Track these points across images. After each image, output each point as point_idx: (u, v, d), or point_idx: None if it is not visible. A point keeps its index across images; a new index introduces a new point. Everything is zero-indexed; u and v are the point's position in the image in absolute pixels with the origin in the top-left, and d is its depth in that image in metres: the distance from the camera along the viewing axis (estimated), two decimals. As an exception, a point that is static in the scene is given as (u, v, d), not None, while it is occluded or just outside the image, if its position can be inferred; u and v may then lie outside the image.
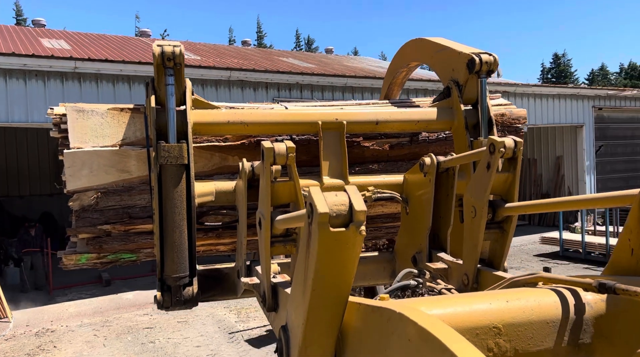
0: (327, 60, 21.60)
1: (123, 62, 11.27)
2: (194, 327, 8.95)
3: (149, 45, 17.16)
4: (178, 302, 2.30)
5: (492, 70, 2.66)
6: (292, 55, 21.57)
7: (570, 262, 12.86)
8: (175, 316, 9.56)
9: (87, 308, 10.23)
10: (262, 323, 8.90)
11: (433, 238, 2.42)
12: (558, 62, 64.70)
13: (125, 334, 8.65)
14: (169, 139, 2.27)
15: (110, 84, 11.18)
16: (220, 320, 9.28)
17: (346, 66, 19.54)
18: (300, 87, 13.52)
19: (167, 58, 2.28)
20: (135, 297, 10.98)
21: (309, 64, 17.87)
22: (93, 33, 19.25)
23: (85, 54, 12.21)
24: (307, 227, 1.23)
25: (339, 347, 1.29)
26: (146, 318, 9.59)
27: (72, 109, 2.47)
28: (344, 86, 14.11)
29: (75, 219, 2.48)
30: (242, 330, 8.71)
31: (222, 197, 2.39)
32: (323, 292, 1.22)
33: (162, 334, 8.63)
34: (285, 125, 2.54)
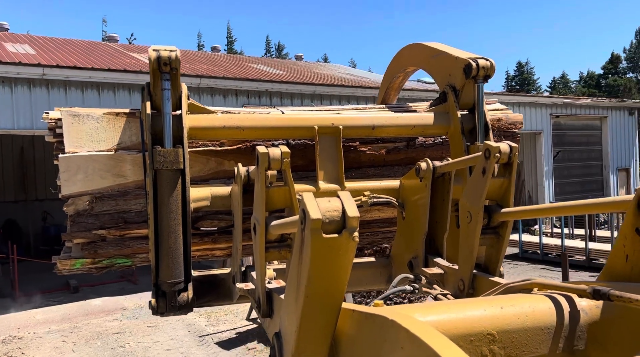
0: (297, 67, 21.73)
1: (92, 69, 11.28)
2: (164, 332, 8.96)
3: (117, 50, 17.09)
4: (173, 308, 2.29)
5: (489, 76, 2.66)
6: (262, 62, 21.68)
7: (529, 263, 13.20)
8: (145, 321, 9.56)
9: (55, 315, 10.15)
10: (232, 326, 8.96)
11: (429, 243, 2.41)
12: (522, 70, 67.23)
13: (94, 340, 8.62)
14: (164, 144, 2.26)
15: (79, 90, 11.21)
16: (190, 324, 9.29)
17: (316, 73, 19.74)
18: (269, 95, 13.73)
19: (163, 63, 2.28)
20: (104, 303, 10.94)
21: (278, 71, 18.03)
22: (59, 37, 19.10)
23: (52, 59, 12.19)
24: (300, 233, 1.23)
25: (332, 354, 1.29)
26: (115, 323, 9.56)
27: (67, 113, 2.47)
28: (312, 94, 14.36)
29: (70, 223, 2.47)
30: (212, 333, 8.75)
31: (218, 202, 2.38)
32: (316, 298, 1.22)
33: (132, 339, 8.62)
34: (281, 130, 2.54)
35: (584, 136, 20.35)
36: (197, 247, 2.59)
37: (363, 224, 3.03)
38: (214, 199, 2.38)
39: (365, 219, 2.98)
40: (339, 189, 2.49)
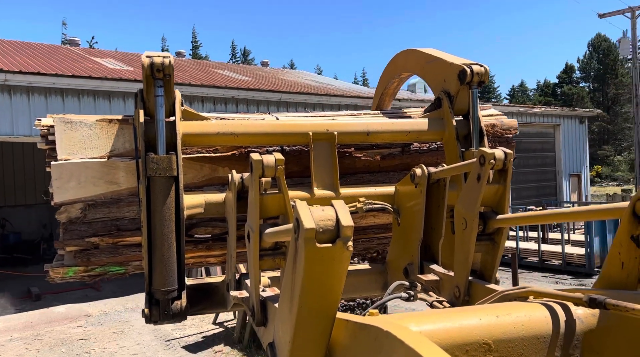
0: (263, 73, 21.83)
1: (56, 76, 11.21)
2: (130, 337, 8.93)
3: (80, 55, 16.92)
4: (166, 316, 2.27)
5: (483, 81, 2.66)
6: (228, 68, 21.78)
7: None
8: (111, 327, 9.50)
9: (17, 323, 10.02)
10: (199, 330, 8.96)
11: (425, 249, 2.40)
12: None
13: (58, 346, 8.54)
14: (158, 151, 2.25)
15: (42, 96, 11.11)
16: (156, 329, 9.28)
17: (282, 80, 19.91)
18: (236, 102, 13.89)
19: (156, 69, 2.26)
20: (67, 310, 10.82)
21: (244, 77, 18.14)
22: (18, 41, 18.89)
23: (12, 64, 12.11)
24: (293, 242, 1.21)
25: None
26: (80, 330, 9.48)
27: (59, 120, 2.45)
28: (278, 101, 14.52)
29: (62, 231, 2.44)
30: (178, 337, 8.75)
31: (212, 209, 2.37)
32: (310, 308, 1.20)
33: (98, 345, 8.57)
34: (275, 136, 2.53)
35: (538, 143, 21.20)
36: (191, 254, 2.57)
37: (358, 230, 3.02)
38: (207, 206, 2.36)
39: (360, 225, 2.97)
40: (333, 196, 2.48)
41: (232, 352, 8.01)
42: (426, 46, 3.26)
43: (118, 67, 15.14)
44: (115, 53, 20.65)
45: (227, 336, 8.64)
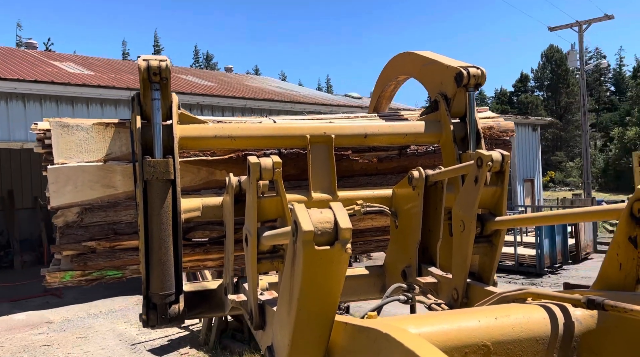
0: (227, 79, 21.82)
1: (18, 81, 11.11)
2: (95, 342, 8.89)
3: (37, 58, 16.73)
4: (164, 320, 2.26)
5: (480, 84, 2.67)
6: (191, 73, 21.78)
7: None
8: (74, 333, 9.41)
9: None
10: (164, 334, 8.94)
11: (423, 252, 2.40)
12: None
13: (20, 353, 8.47)
14: (155, 154, 2.24)
15: (3, 101, 11.02)
16: (121, 334, 9.23)
17: (246, 86, 19.94)
18: (201, 108, 13.88)
19: (153, 72, 2.26)
20: (28, 317, 10.68)
21: (208, 83, 18.03)
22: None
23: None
24: (292, 245, 1.21)
25: None
26: (42, 337, 9.37)
27: (56, 124, 2.44)
28: (243, 107, 14.61)
29: (59, 235, 2.43)
30: (143, 341, 8.73)
31: (209, 213, 2.36)
32: (309, 311, 1.20)
33: (61, 350, 8.49)
34: (273, 139, 2.53)
35: None
36: (189, 258, 2.56)
37: (356, 233, 3.02)
38: (205, 209, 2.35)
39: (358, 227, 2.97)
40: (331, 199, 2.48)
41: (197, 354, 8.02)
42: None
43: (79, 72, 15.01)
44: (74, 57, 20.31)
45: (193, 339, 8.64)
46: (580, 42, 28.00)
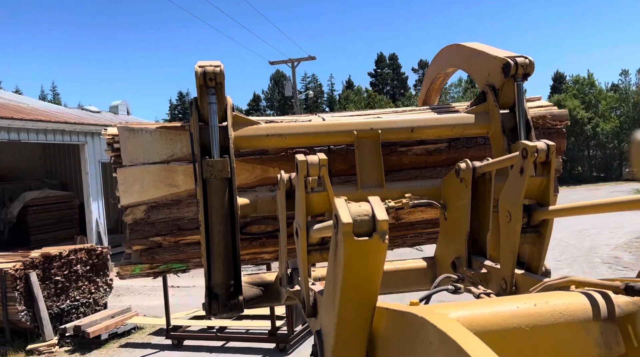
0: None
1: None
2: None
3: None
4: (225, 309, 2.42)
5: (529, 73, 2.64)
6: None
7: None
8: None
9: None
10: None
11: (473, 243, 2.43)
12: (183, 99, 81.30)
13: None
14: (212, 155, 2.40)
15: None
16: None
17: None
18: None
19: (209, 78, 2.41)
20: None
21: None
22: None
23: None
24: (334, 236, 1.30)
25: (370, 350, 1.35)
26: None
27: (123, 128, 2.66)
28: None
29: (129, 232, 2.66)
30: None
31: (264, 208, 2.50)
32: (351, 298, 1.29)
33: None
34: (321, 136, 2.63)
35: None
36: (246, 251, 2.72)
37: (407, 226, 3.07)
38: (260, 205, 2.49)
39: (408, 220, 3.02)
40: (379, 193, 2.55)
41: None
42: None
43: None
44: None
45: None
46: (293, 75, 36.35)
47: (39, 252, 9.86)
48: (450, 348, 0.95)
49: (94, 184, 17.58)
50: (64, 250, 10.16)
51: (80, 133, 17.21)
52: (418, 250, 3.41)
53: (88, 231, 17.51)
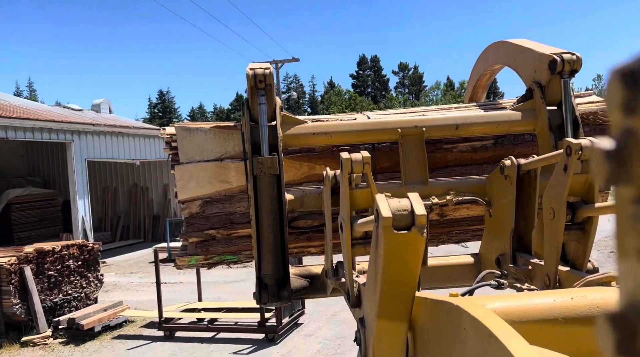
0: None
1: None
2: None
3: None
4: (274, 299, 2.55)
5: (576, 70, 2.62)
6: None
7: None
8: None
9: None
10: None
11: (518, 240, 2.44)
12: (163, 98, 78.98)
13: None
14: (262, 152, 2.53)
15: None
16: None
17: None
18: None
19: (259, 80, 2.54)
20: None
21: None
22: None
23: None
24: (375, 230, 1.39)
25: (410, 336, 1.43)
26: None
27: (180, 128, 2.84)
28: None
29: (185, 225, 2.84)
30: None
31: (310, 203, 2.61)
32: (391, 287, 1.37)
33: None
34: (366, 134, 2.70)
35: None
36: (294, 244, 2.84)
37: (452, 222, 3.10)
38: (306, 200, 2.60)
39: (454, 217, 3.05)
40: (422, 190, 2.60)
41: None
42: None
43: None
44: None
45: None
46: (277, 76, 36.21)
47: (32, 247, 10.18)
48: (482, 334, 1.02)
49: (80, 181, 17.71)
50: (57, 245, 10.46)
51: (67, 131, 17.27)
52: (463, 247, 3.43)
53: (74, 229, 17.71)
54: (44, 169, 23.50)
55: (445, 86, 69.31)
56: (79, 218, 17.71)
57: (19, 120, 15.38)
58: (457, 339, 1.16)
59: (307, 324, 9.60)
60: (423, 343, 1.38)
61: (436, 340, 1.29)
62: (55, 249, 10.25)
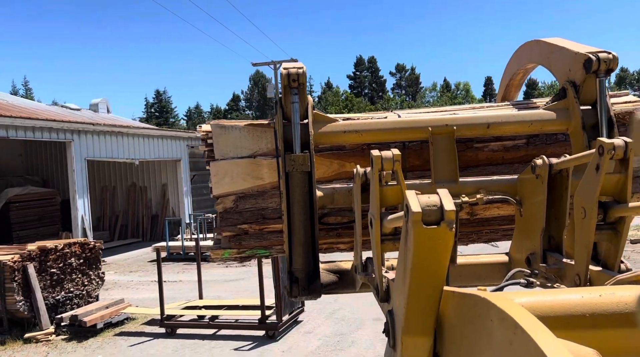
0: None
1: None
2: None
3: None
4: (304, 292, 2.61)
5: (612, 69, 2.58)
6: None
7: (174, 262, 17.26)
8: None
9: None
10: None
11: (549, 240, 2.43)
12: (160, 98, 79.32)
13: None
14: (294, 150, 2.59)
15: None
16: None
17: None
18: None
19: (292, 79, 2.60)
20: None
21: None
22: None
23: None
24: (404, 225, 1.43)
25: (438, 328, 1.47)
26: None
27: (215, 125, 2.93)
28: None
29: (219, 219, 2.93)
30: None
31: (340, 200, 2.66)
32: (420, 281, 1.41)
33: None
34: (396, 133, 2.74)
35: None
36: (324, 240, 2.90)
37: (482, 222, 3.10)
38: (336, 197, 2.66)
39: (484, 216, 3.05)
40: (452, 188, 2.62)
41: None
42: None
43: None
44: None
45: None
46: (276, 77, 36.38)
47: (35, 245, 10.46)
48: (508, 325, 1.05)
49: (79, 181, 17.99)
50: (60, 243, 10.73)
51: (67, 131, 17.55)
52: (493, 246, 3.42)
53: (74, 228, 17.96)
54: (42, 168, 23.99)
55: (441, 87, 69.46)
56: (78, 217, 18.04)
57: (19, 119, 15.78)
58: (484, 331, 1.19)
59: (307, 321, 9.72)
60: (450, 335, 1.42)
61: (463, 332, 1.33)
62: (57, 247, 10.46)
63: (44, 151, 23.82)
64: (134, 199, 23.88)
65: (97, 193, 23.61)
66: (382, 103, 66.19)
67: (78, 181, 18.02)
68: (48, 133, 17.02)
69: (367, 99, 72.26)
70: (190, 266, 16.04)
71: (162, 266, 10.37)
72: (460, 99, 63.84)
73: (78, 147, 17.86)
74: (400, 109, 3.70)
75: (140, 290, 13.78)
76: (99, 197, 23.87)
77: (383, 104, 64.69)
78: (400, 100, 68.52)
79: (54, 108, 25.70)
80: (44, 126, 16.61)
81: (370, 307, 9.75)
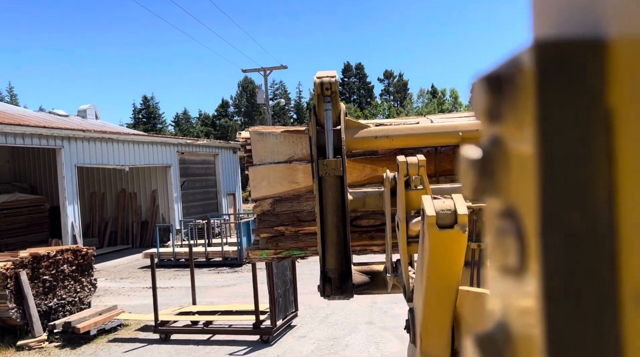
0: None
1: None
2: None
3: None
4: (337, 292, 2.72)
5: None
6: None
7: (165, 268, 17.11)
8: None
9: None
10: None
11: None
12: (147, 104, 78.63)
13: None
14: (327, 155, 2.71)
15: None
16: None
17: None
18: None
19: (325, 88, 2.71)
20: None
21: None
22: None
23: None
24: (422, 228, 1.52)
25: (455, 325, 1.55)
26: None
27: (254, 132, 3.09)
28: None
29: (258, 221, 3.09)
30: None
31: (372, 203, 2.75)
32: (435, 280, 1.50)
33: None
34: (427, 138, 2.80)
35: (202, 168, 26.27)
36: (357, 242, 3.00)
37: None
38: (368, 200, 2.75)
39: None
40: None
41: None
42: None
43: None
44: None
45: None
46: (265, 83, 37.87)
47: (28, 252, 10.15)
48: None
49: (69, 187, 17.70)
50: (52, 250, 10.40)
51: (57, 137, 17.13)
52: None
53: (63, 235, 17.68)
54: (30, 175, 23.86)
55: (429, 93, 68.05)
56: (68, 224, 17.72)
57: (9, 126, 15.53)
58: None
59: (301, 326, 9.67)
60: (467, 333, 1.49)
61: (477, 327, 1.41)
62: (50, 254, 10.34)
63: (31, 158, 23.20)
64: (124, 205, 23.24)
65: (86, 200, 22.88)
66: (371, 109, 65.48)
67: (68, 187, 17.48)
68: (38, 139, 16.45)
69: (356, 105, 71.18)
70: (181, 272, 16.15)
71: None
72: (447, 105, 62.36)
73: (68, 153, 17.58)
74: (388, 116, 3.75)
75: (132, 297, 13.41)
76: (88, 204, 23.26)
77: (371, 110, 64.05)
78: (389, 106, 67.21)
79: (42, 114, 25.15)
80: (34, 133, 16.29)
81: (363, 312, 9.72)
